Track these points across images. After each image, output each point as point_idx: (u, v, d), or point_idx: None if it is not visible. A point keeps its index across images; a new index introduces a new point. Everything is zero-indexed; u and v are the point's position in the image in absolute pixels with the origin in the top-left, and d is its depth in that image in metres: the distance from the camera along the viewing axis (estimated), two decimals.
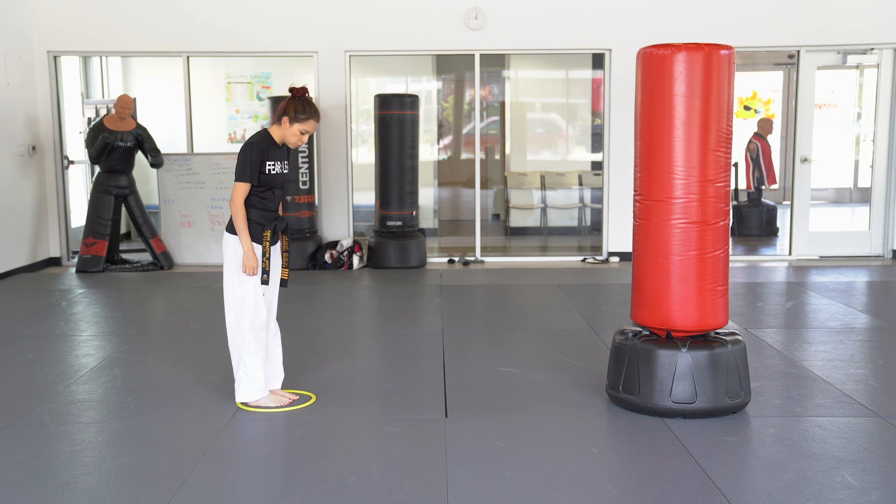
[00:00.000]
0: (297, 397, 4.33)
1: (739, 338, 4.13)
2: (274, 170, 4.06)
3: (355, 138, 10.13)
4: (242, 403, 4.22)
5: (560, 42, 8.86)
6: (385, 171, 8.68)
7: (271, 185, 4.07)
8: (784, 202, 11.26)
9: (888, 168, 8.98)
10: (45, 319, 6.34)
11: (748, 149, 11.07)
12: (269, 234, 4.07)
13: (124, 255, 8.91)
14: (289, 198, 8.60)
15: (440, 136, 11.61)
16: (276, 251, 4.17)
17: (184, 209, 8.77)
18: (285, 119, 4.04)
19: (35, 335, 5.84)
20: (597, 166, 10.58)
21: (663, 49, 3.88)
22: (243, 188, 3.99)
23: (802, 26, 8.71)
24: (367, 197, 9.47)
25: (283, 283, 4.26)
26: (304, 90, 4.07)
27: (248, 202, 4.06)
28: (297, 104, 4.02)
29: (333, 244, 8.67)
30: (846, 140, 11.51)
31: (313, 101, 4.11)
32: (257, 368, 4.15)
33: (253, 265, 4.00)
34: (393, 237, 8.66)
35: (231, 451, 3.71)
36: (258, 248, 4.08)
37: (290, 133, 4.05)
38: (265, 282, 4.10)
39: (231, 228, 4.08)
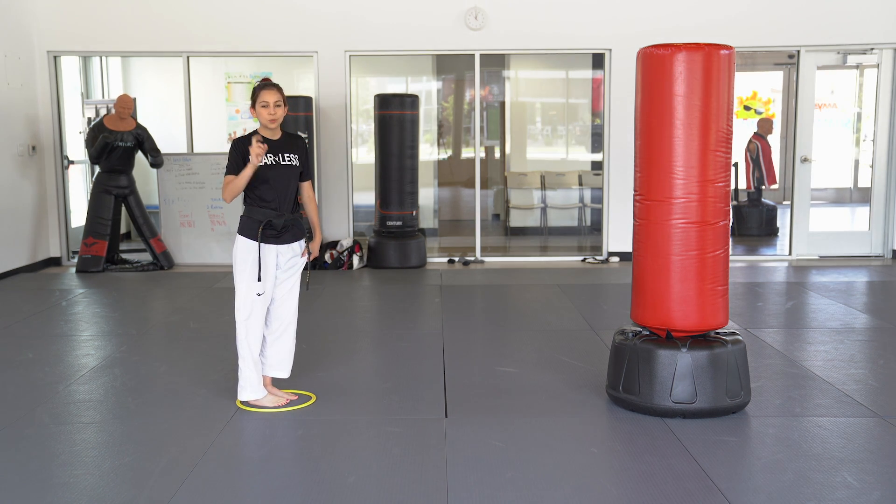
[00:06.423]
0: (297, 397, 4.34)
1: (739, 338, 4.13)
2: (260, 162, 4.07)
3: (355, 138, 10.13)
4: (242, 403, 4.24)
5: (560, 42, 8.86)
6: (385, 171, 8.68)
7: (263, 177, 4.10)
8: (784, 202, 11.25)
9: (888, 168, 8.98)
10: (45, 319, 6.33)
11: (748, 149, 11.07)
12: (261, 230, 4.10)
13: (124, 255, 8.91)
14: None
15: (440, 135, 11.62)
16: (269, 251, 4.14)
17: (184, 209, 8.77)
18: (252, 109, 4.22)
19: (35, 335, 5.84)
20: (597, 166, 10.58)
21: (663, 49, 3.88)
22: (226, 179, 4.13)
23: (802, 26, 8.71)
24: (367, 197, 9.47)
25: (305, 285, 4.38)
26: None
27: (248, 199, 4.18)
28: (252, 92, 4.23)
29: (333, 244, 8.67)
30: (846, 140, 11.51)
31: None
32: (250, 370, 4.20)
33: (258, 151, 3.98)
34: (393, 237, 8.66)
35: (231, 451, 3.71)
36: (253, 245, 4.09)
37: (259, 115, 4.16)
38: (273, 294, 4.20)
39: (239, 229, 4.17)
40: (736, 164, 10.97)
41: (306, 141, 8.65)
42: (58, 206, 8.90)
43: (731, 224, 7.22)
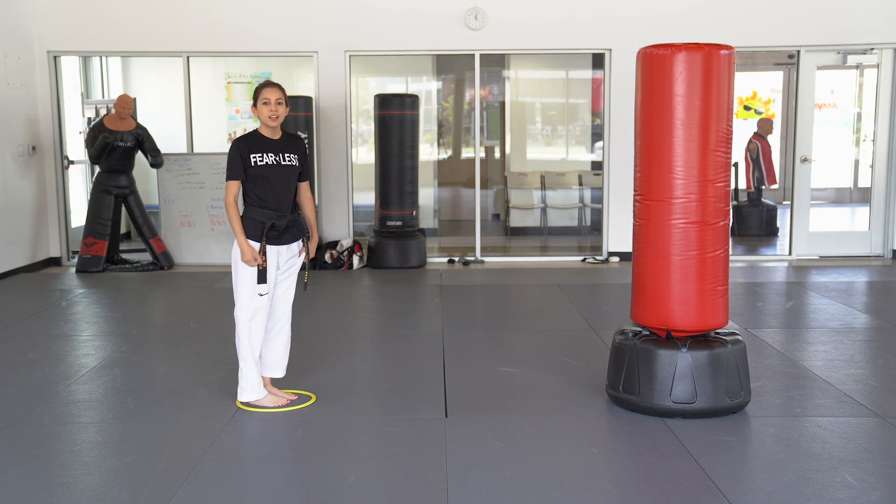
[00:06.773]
0: (297, 397, 4.34)
1: (739, 338, 4.13)
2: (261, 161, 4.08)
3: (355, 138, 10.13)
4: (242, 403, 4.24)
5: (560, 42, 8.86)
6: (385, 171, 8.68)
7: (263, 176, 4.09)
8: (784, 202, 11.25)
9: (888, 168, 8.98)
10: (45, 319, 6.33)
11: (748, 149, 11.07)
12: (265, 231, 4.10)
13: (124, 255, 8.91)
14: None
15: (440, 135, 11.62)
16: (272, 252, 4.14)
17: (184, 209, 8.77)
18: (253, 108, 4.20)
19: (35, 335, 5.84)
20: (597, 166, 10.58)
21: (663, 49, 3.88)
22: (229, 186, 4.11)
23: (802, 26, 8.71)
24: (367, 197, 9.47)
25: (304, 285, 4.39)
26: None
27: (247, 200, 4.16)
28: (254, 91, 4.22)
29: (333, 244, 8.67)
30: (846, 140, 11.51)
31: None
32: (251, 370, 4.20)
33: (249, 258, 4.05)
34: (393, 237, 8.66)
35: (231, 451, 3.71)
36: (256, 246, 4.09)
37: (260, 112, 4.13)
38: (262, 281, 4.12)
39: None
40: (736, 164, 10.97)
41: (306, 141, 8.66)
42: (58, 206, 8.90)
43: (731, 224, 7.23)
